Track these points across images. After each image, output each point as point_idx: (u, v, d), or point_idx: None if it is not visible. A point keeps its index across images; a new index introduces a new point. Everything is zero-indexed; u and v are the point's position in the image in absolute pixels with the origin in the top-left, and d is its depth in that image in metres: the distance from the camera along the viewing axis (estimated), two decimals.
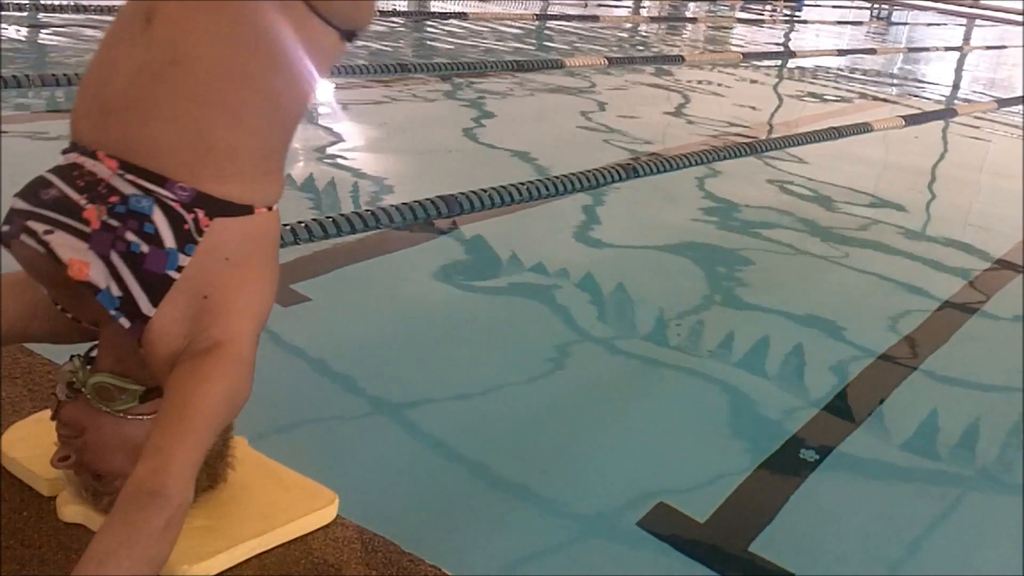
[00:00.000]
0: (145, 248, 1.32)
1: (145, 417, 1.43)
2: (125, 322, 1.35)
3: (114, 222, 1.32)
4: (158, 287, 1.34)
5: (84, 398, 1.44)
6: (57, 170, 1.38)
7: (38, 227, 1.32)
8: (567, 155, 5.00)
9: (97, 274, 1.31)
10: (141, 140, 1.34)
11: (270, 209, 1.42)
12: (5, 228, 1.36)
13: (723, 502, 2.11)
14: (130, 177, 1.33)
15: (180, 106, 1.35)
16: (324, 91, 6.07)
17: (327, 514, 1.63)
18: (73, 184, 1.35)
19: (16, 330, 1.55)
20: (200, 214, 1.34)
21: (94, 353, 1.49)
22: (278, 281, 1.45)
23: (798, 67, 10.41)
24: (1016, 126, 8.24)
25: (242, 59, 1.36)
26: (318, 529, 1.60)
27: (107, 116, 1.37)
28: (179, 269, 1.34)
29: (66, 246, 1.31)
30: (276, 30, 1.38)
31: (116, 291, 1.33)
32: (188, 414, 1.31)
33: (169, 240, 1.33)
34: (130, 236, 1.32)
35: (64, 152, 1.41)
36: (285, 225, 3.29)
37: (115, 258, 1.32)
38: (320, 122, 5.66)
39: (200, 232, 1.34)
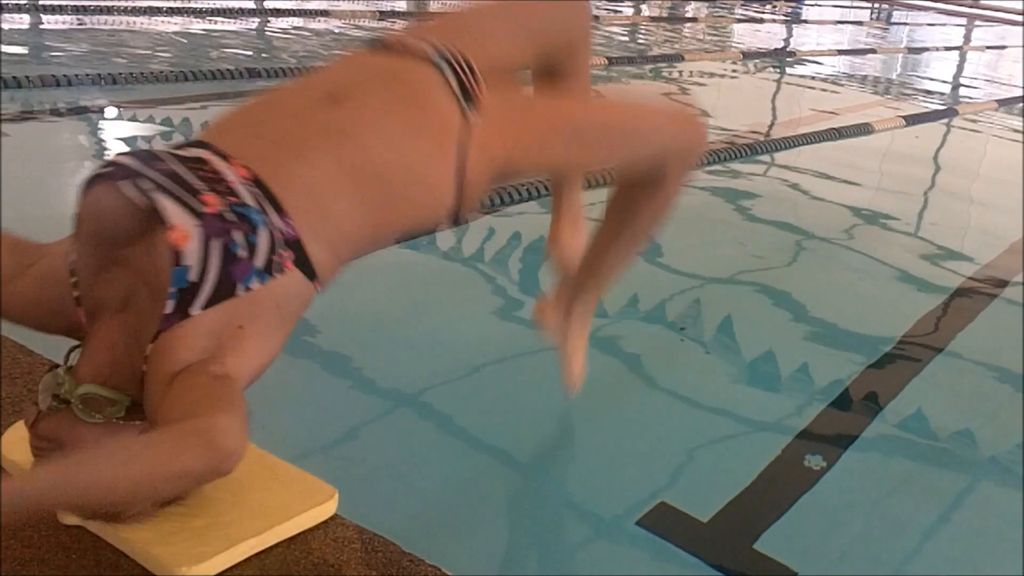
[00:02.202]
0: (242, 253, 1.37)
1: (126, 423, 1.40)
2: (171, 306, 1.34)
3: (230, 216, 1.37)
4: (223, 294, 1.36)
5: (64, 411, 1.40)
6: (173, 155, 1.43)
7: (146, 184, 1.36)
8: None
9: (191, 249, 1.34)
10: (281, 170, 1.44)
11: (318, 288, 1.48)
12: (106, 169, 1.39)
13: (727, 502, 2.10)
14: (254, 191, 1.41)
15: (330, 166, 1.47)
16: None
17: (327, 509, 1.63)
18: (194, 171, 1.40)
19: None
20: (287, 256, 1.41)
21: (72, 363, 1.45)
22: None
23: (798, 67, 10.40)
24: (1016, 126, 8.23)
25: (398, 168, 1.52)
26: (318, 529, 1.60)
27: (258, 139, 1.48)
28: (248, 289, 1.37)
29: (175, 212, 1.35)
30: (437, 159, 1.57)
31: (193, 276, 1.34)
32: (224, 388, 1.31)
33: (260, 260, 1.38)
34: (236, 236, 1.36)
35: (183, 146, 1.47)
36: None
37: (214, 246, 1.35)
38: None
39: (281, 270, 1.40)
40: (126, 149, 1.42)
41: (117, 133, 4.83)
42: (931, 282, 3.90)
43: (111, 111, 5.04)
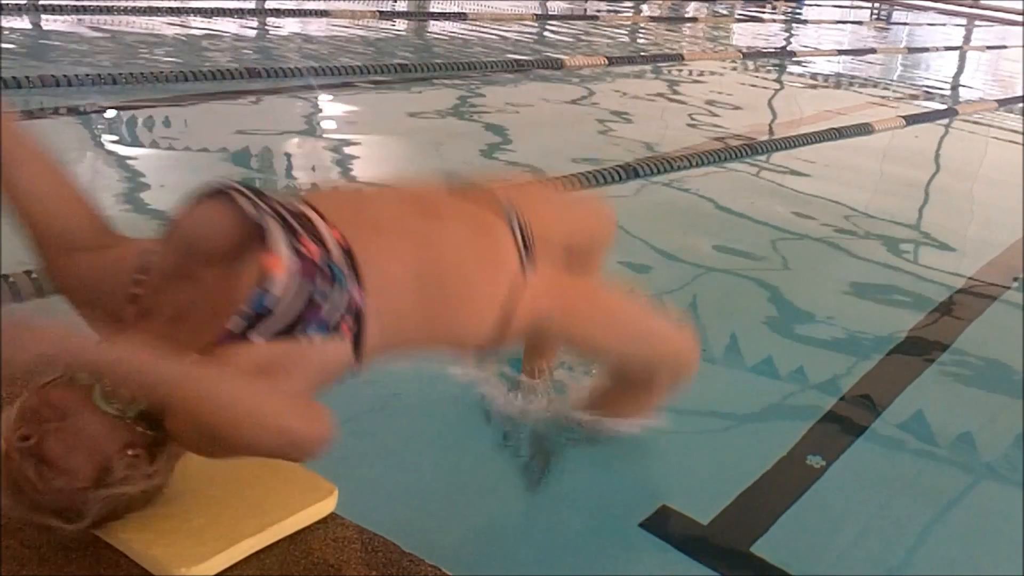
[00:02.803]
0: (320, 302, 1.47)
1: (130, 424, 1.43)
2: (237, 324, 1.42)
3: (323, 266, 1.49)
4: (288, 332, 1.45)
5: (81, 388, 1.42)
6: (279, 202, 1.54)
7: (252, 210, 1.46)
8: (567, 155, 5.00)
9: (281, 280, 1.44)
10: (369, 248, 1.56)
11: (356, 367, 1.57)
12: (219, 188, 1.48)
13: (727, 505, 2.10)
14: (343, 255, 1.52)
15: (409, 264, 1.61)
16: (324, 98, 6.08)
17: (326, 506, 1.63)
18: (297, 219, 1.52)
19: (59, 221, 1.54)
20: (350, 320, 1.51)
21: None
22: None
23: (798, 67, 10.40)
24: (1016, 126, 8.23)
25: (460, 289, 1.69)
26: (318, 529, 1.60)
27: (355, 216, 1.60)
28: (308, 338, 1.46)
29: (278, 241, 1.46)
30: (492, 295, 1.74)
31: (270, 303, 1.44)
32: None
33: (329, 316, 1.48)
34: (322, 285, 1.48)
35: (288, 199, 1.58)
36: None
37: (303, 286, 1.46)
38: (320, 122, 5.67)
39: (340, 333, 1.50)
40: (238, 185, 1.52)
41: (117, 133, 4.84)
42: (931, 282, 3.90)
43: (111, 112, 5.04)
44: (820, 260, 4.08)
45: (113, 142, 4.67)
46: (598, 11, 13.37)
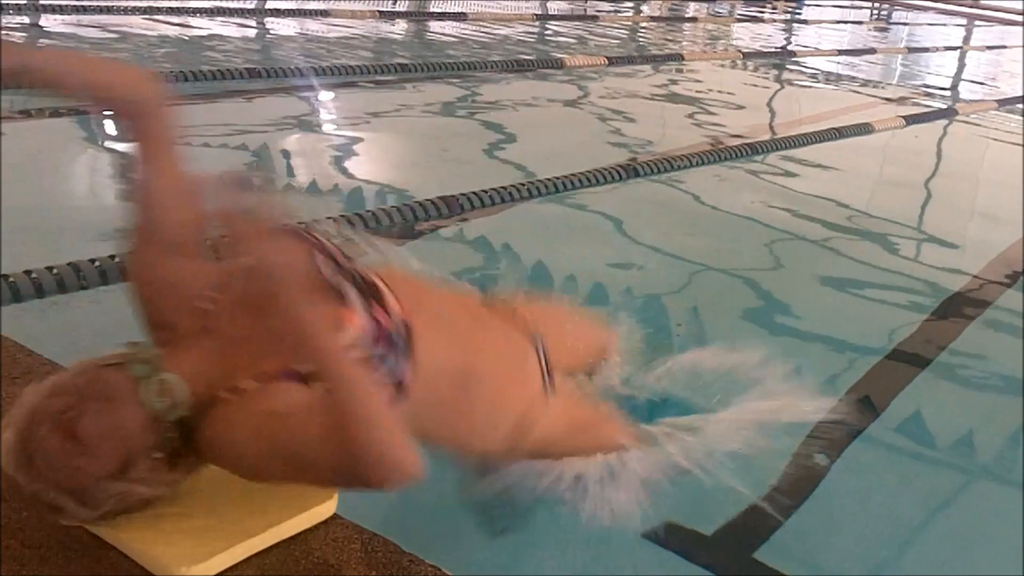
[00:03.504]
0: (379, 368, 1.56)
1: (168, 426, 1.46)
2: (304, 366, 1.47)
3: (390, 338, 1.59)
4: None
5: (127, 378, 1.44)
6: (354, 265, 1.65)
7: (335, 266, 1.59)
8: (567, 155, 5.00)
9: (353, 337, 1.53)
10: (427, 335, 1.65)
11: None
12: (305, 228, 1.61)
13: (731, 513, 2.09)
14: (403, 330, 1.62)
15: (453, 358, 1.72)
16: (323, 94, 6.08)
17: (327, 509, 1.62)
18: (371, 287, 1.63)
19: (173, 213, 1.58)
20: (392, 392, 1.58)
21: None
22: None
23: (798, 67, 10.40)
24: (1016, 126, 8.23)
25: (486, 394, 1.79)
26: (318, 529, 1.60)
27: (418, 302, 1.70)
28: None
29: (355, 300, 1.58)
30: (512, 410, 1.85)
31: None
32: None
33: (382, 381, 1.56)
34: (384, 351, 1.58)
35: (363, 270, 1.67)
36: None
37: (368, 348, 1.55)
38: (320, 122, 5.67)
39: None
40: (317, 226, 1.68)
41: (116, 133, 4.83)
42: (931, 282, 3.91)
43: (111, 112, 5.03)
44: (820, 260, 4.08)
45: (113, 143, 4.67)
46: (598, 11, 13.37)
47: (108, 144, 4.62)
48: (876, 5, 21.32)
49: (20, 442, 1.41)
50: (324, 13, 9.40)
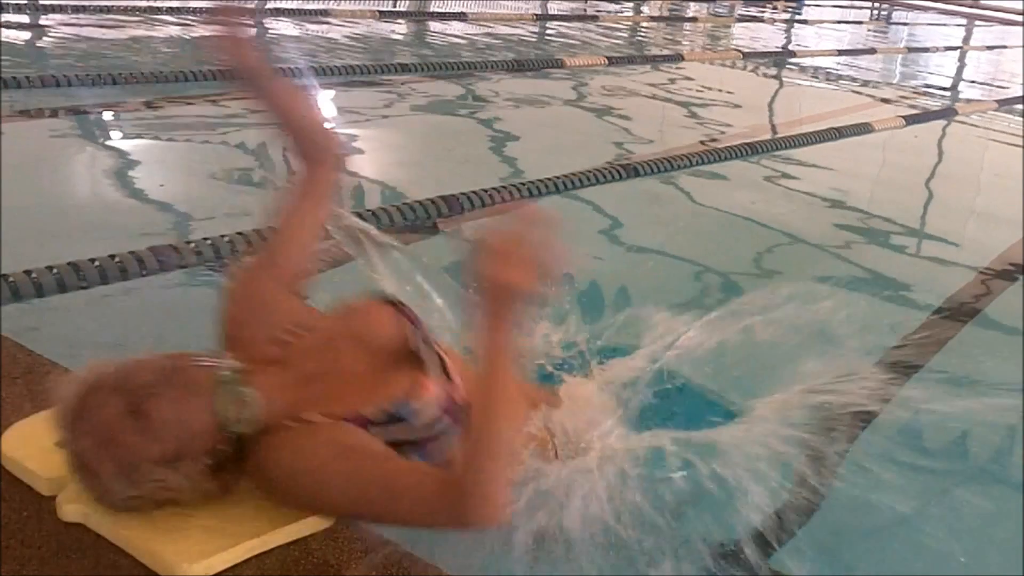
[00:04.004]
0: (439, 438, 1.62)
1: (226, 441, 1.51)
2: (376, 415, 1.56)
3: (457, 413, 1.65)
4: (399, 445, 1.58)
5: (217, 381, 1.50)
6: (431, 338, 1.73)
7: (415, 336, 1.68)
8: (568, 155, 5.00)
9: (428, 403, 1.61)
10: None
11: None
12: (393, 298, 1.72)
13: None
14: (461, 409, 1.64)
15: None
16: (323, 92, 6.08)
17: (327, 517, 1.62)
18: (443, 363, 1.70)
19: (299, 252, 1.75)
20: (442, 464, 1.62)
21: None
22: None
23: (798, 67, 10.40)
24: (1016, 126, 8.23)
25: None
26: (320, 530, 1.60)
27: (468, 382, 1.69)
28: (409, 460, 1.57)
29: (434, 370, 1.66)
30: None
31: (408, 414, 1.60)
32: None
33: (438, 452, 1.63)
34: (448, 424, 1.63)
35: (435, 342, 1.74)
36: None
37: (436, 418, 1.62)
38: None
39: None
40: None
41: (116, 133, 4.84)
42: (931, 283, 3.90)
43: (111, 112, 5.04)
44: (817, 259, 4.08)
45: (113, 142, 4.67)
46: (598, 11, 13.37)
47: (110, 143, 4.62)
48: (876, 5, 21.32)
49: (87, 398, 1.43)
50: (324, 13, 9.40)
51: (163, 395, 1.44)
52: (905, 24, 19.01)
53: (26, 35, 7.02)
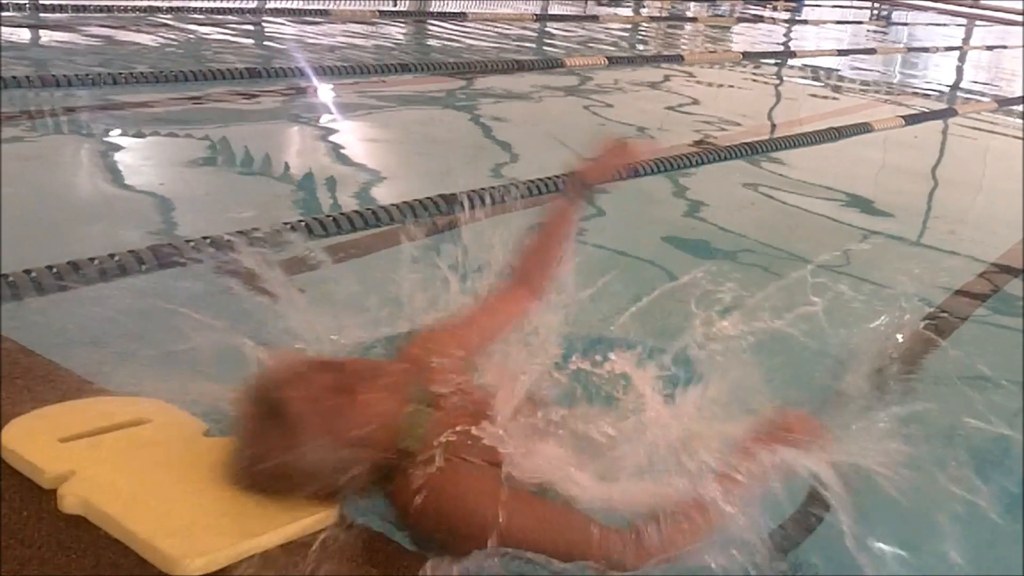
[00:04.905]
0: None
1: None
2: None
3: None
4: None
5: (415, 411, 1.62)
6: None
7: None
8: (567, 154, 4.99)
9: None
10: None
11: None
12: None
13: None
14: None
15: None
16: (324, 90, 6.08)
17: (329, 515, 1.62)
18: None
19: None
20: None
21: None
22: None
23: (798, 67, 10.40)
24: (1016, 126, 8.23)
25: None
26: (320, 529, 1.60)
27: None
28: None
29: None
30: None
31: None
32: None
33: None
34: None
35: None
36: (286, 223, 3.30)
37: None
38: (321, 122, 5.67)
39: None
40: None
41: (116, 133, 4.83)
42: (930, 283, 3.90)
43: (110, 112, 5.04)
44: (816, 259, 4.07)
45: (113, 142, 4.67)
46: (598, 11, 13.37)
47: (110, 143, 4.62)
48: (876, 5, 21.32)
49: (302, 367, 1.60)
50: (324, 13, 9.40)
51: (368, 385, 1.59)
52: (905, 24, 19.01)
53: (26, 35, 7.02)
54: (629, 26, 12.57)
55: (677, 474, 1.67)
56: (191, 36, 7.60)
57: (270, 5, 9.93)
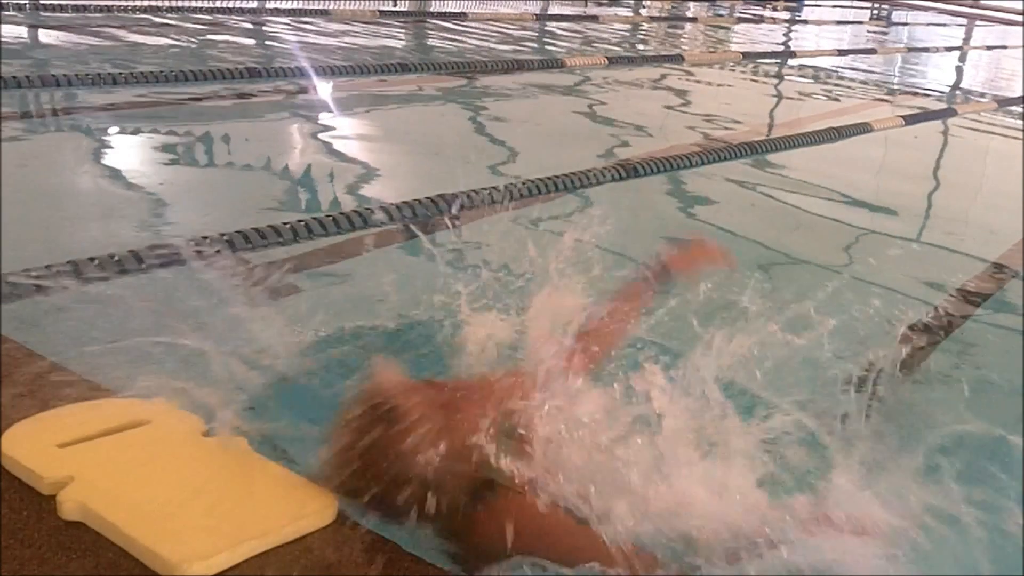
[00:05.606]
0: None
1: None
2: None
3: None
4: None
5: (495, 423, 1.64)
6: None
7: None
8: (568, 154, 5.00)
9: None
10: None
11: None
12: None
13: None
14: None
15: None
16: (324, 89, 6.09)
17: (326, 516, 1.62)
18: None
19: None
20: None
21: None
22: None
23: (798, 67, 10.40)
24: (1016, 126, 8.23)
25: None
26: (318, 529, 1.60)
27: None
28: None
29: None
30: None
31: None
32: None
33: None
34: None
35: None
36: (286, 223, 3.30)
37: None
38: (321, 121, 5.67)
39: None
40: None
41: (116, 133, 4.84)
42: (930, 283, 3.90)
43: (110, 112, 5.04)
44: (815, 259, 4.08)
45: (112, 142, 4.67)
46: (598, 11, 13.37)
47: (110, 143, 4.62)
48: (876, 5, 21.32)
49: (408, 385, 1.65)
50: (324, 13, 9.40)
51: (470, 405, 1.65)
52: (905, 24, 19.01)
53: (26, 35, 7.02)
54: (629, 26, 12.56)
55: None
56: (191, 36, 7.60)
57: (270, 5, 9.93)
